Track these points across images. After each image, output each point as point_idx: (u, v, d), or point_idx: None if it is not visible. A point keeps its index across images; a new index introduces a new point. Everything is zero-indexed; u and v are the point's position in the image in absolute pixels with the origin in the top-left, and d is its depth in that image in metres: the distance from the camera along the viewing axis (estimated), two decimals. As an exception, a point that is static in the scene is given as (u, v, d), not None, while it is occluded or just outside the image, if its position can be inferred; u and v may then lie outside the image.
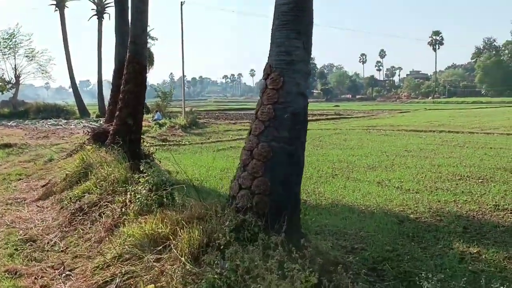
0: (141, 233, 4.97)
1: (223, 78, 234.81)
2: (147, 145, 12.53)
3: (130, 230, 5.22)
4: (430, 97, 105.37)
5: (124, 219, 5.96)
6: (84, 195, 7.26)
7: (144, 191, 6.01)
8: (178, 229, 4.82)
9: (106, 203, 6.60)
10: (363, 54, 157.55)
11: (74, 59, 42.21)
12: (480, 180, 10.31)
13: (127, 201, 6.04)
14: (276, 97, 5.26)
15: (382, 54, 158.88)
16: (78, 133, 23.58)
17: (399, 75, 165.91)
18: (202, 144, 18.96)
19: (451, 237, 6.45)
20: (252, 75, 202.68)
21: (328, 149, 16.57)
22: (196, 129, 26.66)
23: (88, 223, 6.36)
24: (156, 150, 12.39)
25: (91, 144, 11.37)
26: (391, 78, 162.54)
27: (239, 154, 16.27)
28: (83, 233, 6.15)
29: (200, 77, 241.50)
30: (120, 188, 6.86)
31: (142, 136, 12.10)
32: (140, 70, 10.85)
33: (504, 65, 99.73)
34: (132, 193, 6.09)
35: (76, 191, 7.59)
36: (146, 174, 6.19)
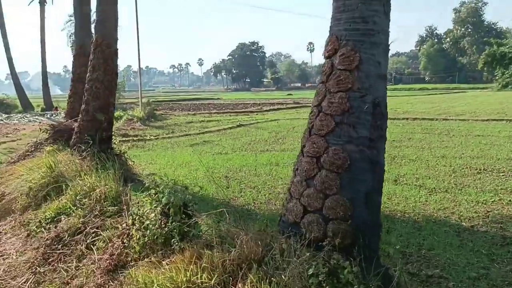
0: (172, 285, 3.34)
1: (170, 67, 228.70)
2: (116, 142, 10.64)
3: (148, 277, 3.56)
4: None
5: (127, 253, 4.28)
6: (60, 218, 5.44)
7: (153, 214, 4.34)
8: (230, 279, 3.24)
9: (94, 230, 4.86)
10: (310, 43, 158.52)
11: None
12: (502, 174, 9.33)
13: (132, 229, 4.33)
14: (350, 82, 3.77)
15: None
16: (24, 129, 20.98)
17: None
18: (170, 139, 17.10)
19: (533, 252, 5.25)
20: (200, 64, 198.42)
21: (312, 141, 15.20)
22: (156, 122, 24.60)
23: (72, 260, 4.61)
24: (128, 148, 10.55)
25: (51, 144, 9.38)
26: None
27: (216, 149, 14.03)
28: (67, 276, 4.39)
29: (147, 67, 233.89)
30: (111, 208, 5.13)
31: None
32: (111, 55, 8.99)
33: (446, 53, 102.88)
34: (136, 217, 4.40)
35: (48, 212, 5.71)
36: (151, 189, 4.51)
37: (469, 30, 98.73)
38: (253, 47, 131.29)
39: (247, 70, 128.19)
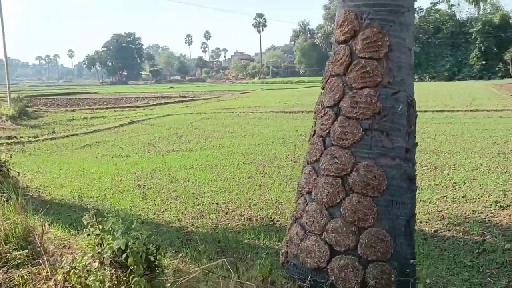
0: None
1: (36, 59, 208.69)
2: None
3: None
4: (256, 78, 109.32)
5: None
6: None
7: (97, 264, 3.01)
8: None
9: (-3, 289, 3.32)
10: (188, 35, 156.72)
11: None
12: (425, 167, 9.36)
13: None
14: (379, 74, 2.85)
15: (207, 35, 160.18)
16: None
17: (224, 57, 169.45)
18: (54, 140, 14.77)
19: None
20: (71, 56, 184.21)
21: (218, 138, 14.22)
22: (30, 120, 21.55)
23: None
24: (11, 156, 8.50)
25: None
26: (217, 60, 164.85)
27: (114, 151, 12.33)
28: None
29: (8, 58, 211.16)
30: (19, 253, 3.60)
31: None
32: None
33: (318, 47, 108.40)
34: (70, 269, 3.02)
35: None
36: (91, 226, 3.14)
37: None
38: (129, 39, 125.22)
39: (124, 63, 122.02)
